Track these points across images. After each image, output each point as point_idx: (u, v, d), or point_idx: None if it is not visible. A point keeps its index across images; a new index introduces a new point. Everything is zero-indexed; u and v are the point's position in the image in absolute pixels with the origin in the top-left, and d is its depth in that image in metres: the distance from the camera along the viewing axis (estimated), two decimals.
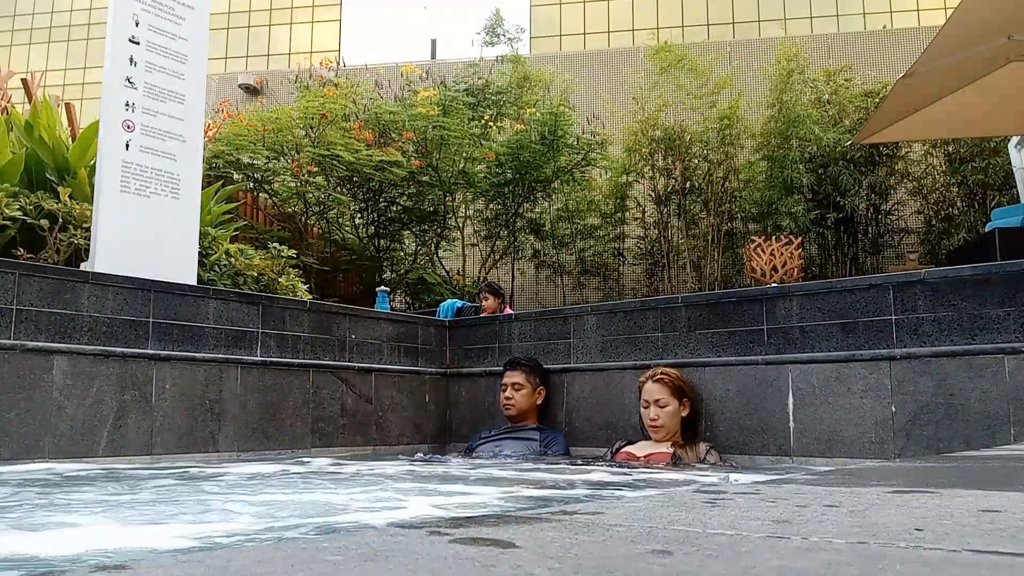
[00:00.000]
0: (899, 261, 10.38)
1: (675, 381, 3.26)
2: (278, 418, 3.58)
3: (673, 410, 3.23)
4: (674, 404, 3.23)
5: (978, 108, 5.75)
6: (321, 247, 9.06)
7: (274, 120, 8.49)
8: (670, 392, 3.24)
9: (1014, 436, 2.62)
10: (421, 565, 0.58)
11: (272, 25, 33.76)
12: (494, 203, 10.66)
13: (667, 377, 3.27)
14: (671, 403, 3.23)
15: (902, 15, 26.76)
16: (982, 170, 9.73)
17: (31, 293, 2.87)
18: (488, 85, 10.34)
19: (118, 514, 1.69)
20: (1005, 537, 0.69)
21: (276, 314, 3.66)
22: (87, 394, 2.96)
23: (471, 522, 0.80)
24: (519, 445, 3.72)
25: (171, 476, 2.55)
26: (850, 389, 3.00)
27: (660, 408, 3.23)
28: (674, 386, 3.25)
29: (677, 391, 3.25)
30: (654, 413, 3.23)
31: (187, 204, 3.77)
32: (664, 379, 3.26)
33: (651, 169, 11.00)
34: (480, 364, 4.34)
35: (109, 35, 3.59)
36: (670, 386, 3.25)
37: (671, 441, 3.25)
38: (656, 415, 3.23)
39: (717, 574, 0.55)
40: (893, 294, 2.96)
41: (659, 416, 3.22)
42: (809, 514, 0.85)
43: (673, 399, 3.23)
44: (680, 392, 3.26)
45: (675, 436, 3.26)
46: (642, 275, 11.53)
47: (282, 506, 1.88)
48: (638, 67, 11.87)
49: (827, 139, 9.83)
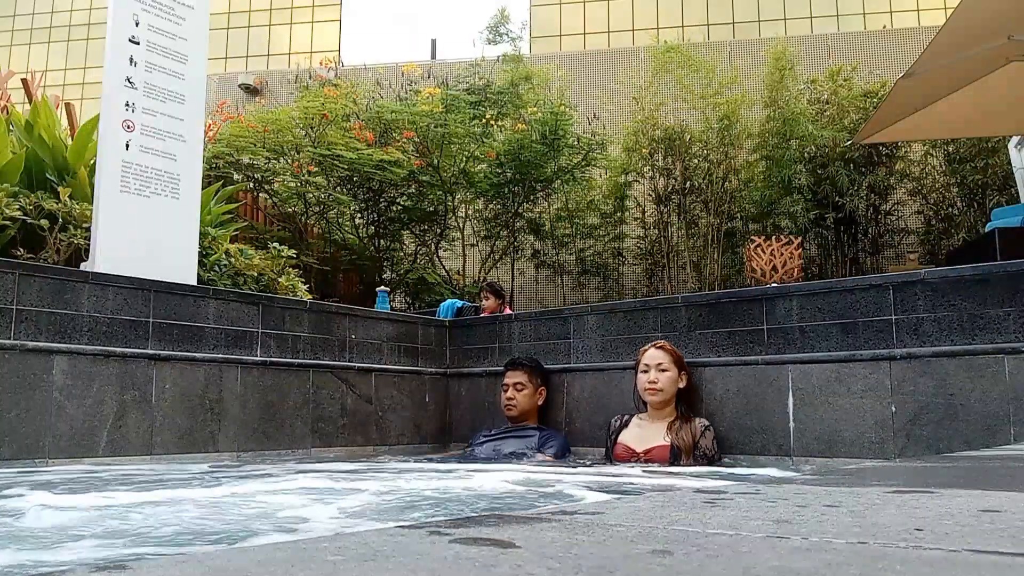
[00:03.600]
0: (899, 261, 10.37)
1: (675, 351, 3.35)
2: (278, 418, 3.58)
3: (672, 376, 3.29)
4: (674, 371, 3.30)
5: (978, 108, 5.75)
6: (321, 247, 9.06)
7: (274, 120, 8.49)
8: (671, 359, 3.31)
9: (1014, 436, 2.62)
10: (421, 565, 0.58)
11: (272, 25, 33.77)
12: (494, 203, 10.66)
13: (668, 346, 3.36)
14: (672, 369, 3.30)
15: (902, 15, 26.77)
16: (982, 170, 9.72)
17: (31, 293, 2.87)
18: (489, 85, 10.34)
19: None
20: (1005, 537, 0.69)
21: (276, 314, 3.66)
22: (87, 394, 2.96)
23: (471, 522, 0.80)
24: (519, 445, 3.72)
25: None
26: (850, 389, 3.00)
27: (660, 372, 3.29)
28: (676, 355, 3.33)
29: (678, 361, 3.33)
30: (654, 376, 3.29)
31: (187, 204, 3.77)
32: (666, 347, 3.35)
33: (651, 169, 11.00)
34: (480, 364, 4.34)
35: (109, 35, 3.59)
36: (672, 354, 3.33)
37: (668, 417, 3.28)
38: (656, 378, 3.29)
39: (717, 574, 0.55)
40: (893, 294, 2.96)
41: (659, 379, 3.28)
42: (809, 514, 0.85)
43: (674, 367, 3.30)
44: (680, 363, 3.33)
45: (670, 406, 3.31)
46: (642, 275, 11.53)
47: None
48: (638, 67, 11.87)
49: (823, 137, 9.82)
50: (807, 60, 11.84)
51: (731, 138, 10.41)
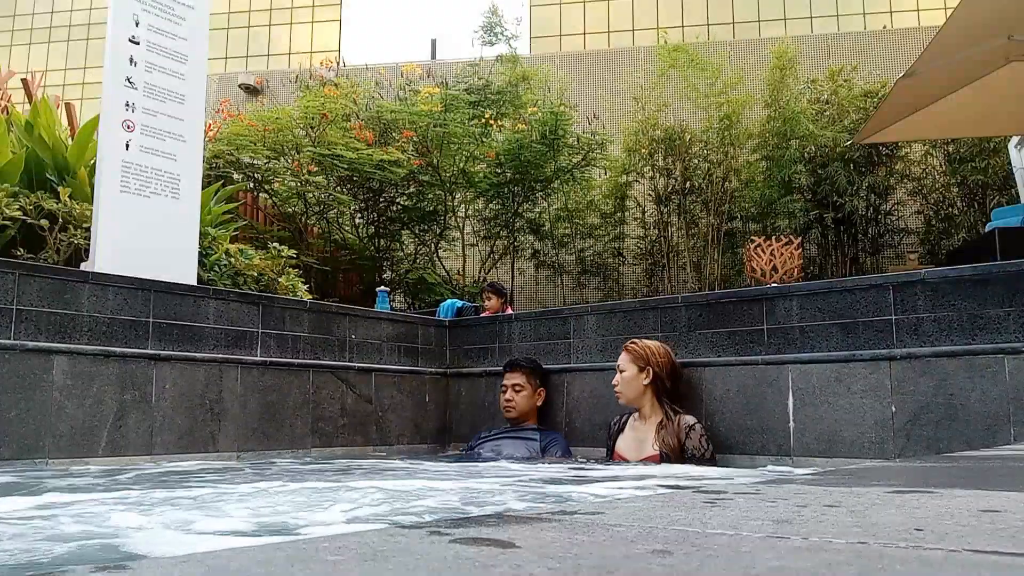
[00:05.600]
0: (899, 261, 10.37)
1: (640, 350, 3.36)
2: (278, 418, 3.58)
3: (629, 376, 3.33)
4: (632, 370, 3.33)
5: (978, 108, 5.75)
6: (321, 247, 9.06)
7: (274, 120, 8.49)
8: (631, 359, 3.36)
9: (1014, 436, 2.62)
10: (421, 565, 0.58)
11: (272, 25, 33.78)
12: (494, 203, 10.65)
13: (632, 346, 3.39)
14: (628, 369, 3.35)
15: (902, 15, 26.79)
16: (982, 170, 9.72)
17: (31, 293, 2.87)
18: (488, 85, 10.33)
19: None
20: (1005, 537, 0.69)
21: (276, 314, 3.66)
22: (87, 394, 2.96)
23: (471, 522, 0.80)
24: (519, 445, 3.72)
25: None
26: (850, 389, 2.99)
27: (619, 373, 3.37)
28: (636, 354, 3.36)
29: (639, 359, 3.35)
30: (615, 378, 3.39)
31: (187, 204, 3.77)
32: (628, 348, 3.39)
33: (651, 169, 11.00)
34: (480, 364, 4.34)
35: (109, 35, 3.59)
36: (632, 353, 3.36)
37: (657, 417, 3.28)
38: (616, 381, 3.39)
39: (717, 574, 0.55)
40: (893, 294, 2.96)
41: (618, 382, 3.37)
42: (809, 514, 0.85)
43: (632, 366, 3.34)
44: (643, 360, 3.34)
45: (650, 404, 3.32)
46: (642, 275, 11.53)
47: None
48: (638, 67, 11.86)
49: (823, 137, 9.82)
50: (807, 60, 11.82)
51: (731, 138, 10.41)
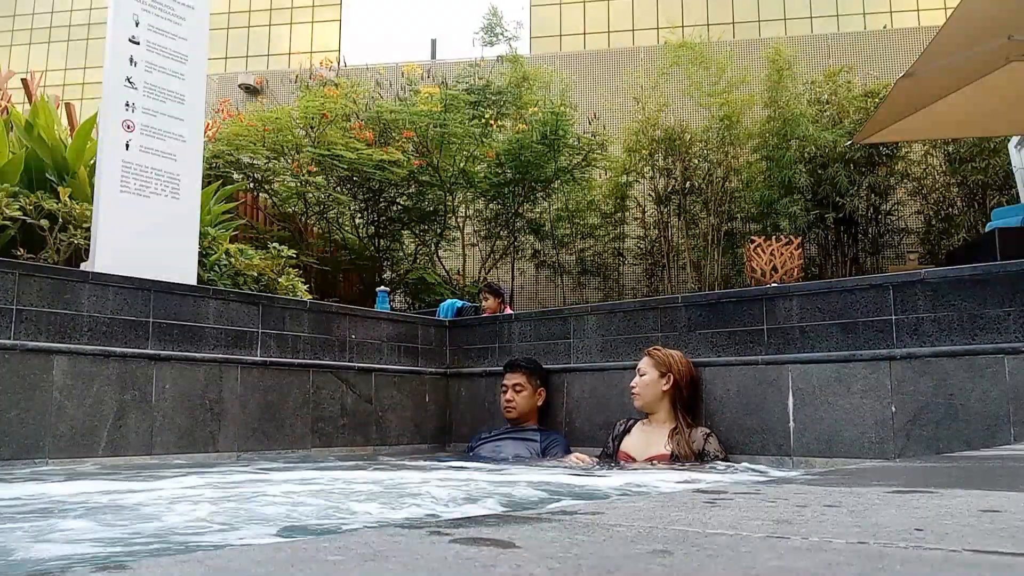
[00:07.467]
0: (899, 261, 10.37)
1: (663, 357, 3.35)
2: (278, 418, 3.58)
3: (649, 380, 3.32)
4: (653, 375, 3.32)
5: (978, 108, 5.75)
6: (321, 247, 9.06)
7: (274, 120, 8.49)
8: (652, 364, 3.34)
9: (1014, 436, 2.62)
10: (421, 565, 0.58)
11: (272, 25, 33.78)
12: (494, 203, 10.65)
13: (656, 352, 3.38)
14: (649, 373, 3.33)
15: (902, 15, 26.79)
16: (982, 170, 9.72)
17: (31, 293, 2.87)
18: (488, 85, 10.33)
19: None
20: (1005, 537, 0.69)
21: (276, 314, 3.66)
22: (87, 394, 2.96)
23: (471, 522, 0.80)
24: (519, 446, 3.72)
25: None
26: (850, 389, 2.99)
27: (639, 376, 3.35)
28: (659, 360, 3.35)
29: (661, 365, 3.34)
30: (634, 380, 3.38)
31: (187, 204, 3.77)
32: (651, 352, 3.38)
33: (651, 169, 11.00)
34: (480, 364, 4.34)
35: (109, 35, 3.59)
36: (655, 359, 3.35)
37: (669, 425, 3.27)
38: (634, 383, 3.36)
39: (717, 574, 0.55)
40: (893, 294, 2.96)
41: (636, 384, 3.35)
42: (809, 514, 0.85)
43: (654, 371, 3.33)
44: (664, 367, 3.33)
45: (665, 412, 3.31)
46: (642, 275, 11.52)
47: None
48: (638, 67, 11.86)
49: (822, 137, 9.82)
50: (807, 60, 11.82)
51: (732, 138, 10.41)
